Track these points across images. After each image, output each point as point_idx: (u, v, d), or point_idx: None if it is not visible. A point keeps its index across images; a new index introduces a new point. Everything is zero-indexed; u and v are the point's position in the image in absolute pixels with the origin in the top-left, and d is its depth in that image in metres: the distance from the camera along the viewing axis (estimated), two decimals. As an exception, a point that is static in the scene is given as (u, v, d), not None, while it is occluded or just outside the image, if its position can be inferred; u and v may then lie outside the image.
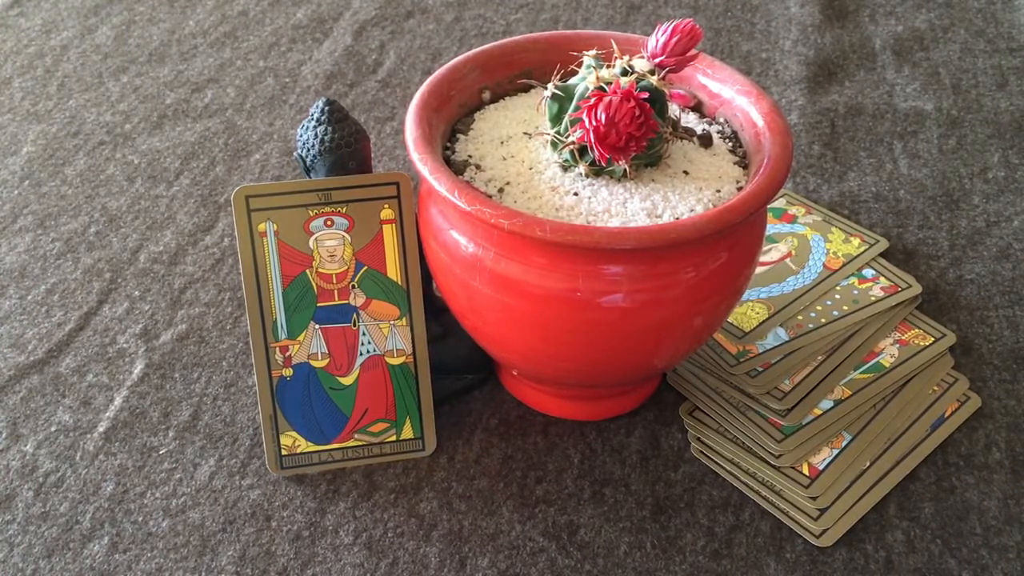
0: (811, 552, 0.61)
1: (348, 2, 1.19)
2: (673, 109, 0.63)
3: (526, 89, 0.67)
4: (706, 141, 0.61)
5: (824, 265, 0.79)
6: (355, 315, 0.64)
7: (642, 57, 0.57)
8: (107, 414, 0.70)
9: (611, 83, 0.55)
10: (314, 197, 0.62)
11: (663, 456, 0.67)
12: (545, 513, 0.63)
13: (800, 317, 0.75)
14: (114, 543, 0.62)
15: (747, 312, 0.75)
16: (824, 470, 0.65)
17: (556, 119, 0.58)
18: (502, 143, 0.62)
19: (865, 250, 0.81)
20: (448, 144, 0.62)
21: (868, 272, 0.79)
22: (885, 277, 0.78)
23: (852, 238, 0.82)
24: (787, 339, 0.73)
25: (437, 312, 0.70)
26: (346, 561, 0.61)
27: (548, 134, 0.59)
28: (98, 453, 0.68)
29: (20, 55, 1.10)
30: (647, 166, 0.59)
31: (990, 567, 0.61)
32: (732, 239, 0.56)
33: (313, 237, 0.63)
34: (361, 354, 0.65)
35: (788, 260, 0.80)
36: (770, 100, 0.61)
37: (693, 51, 0.57)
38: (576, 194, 0.57)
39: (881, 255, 0.81)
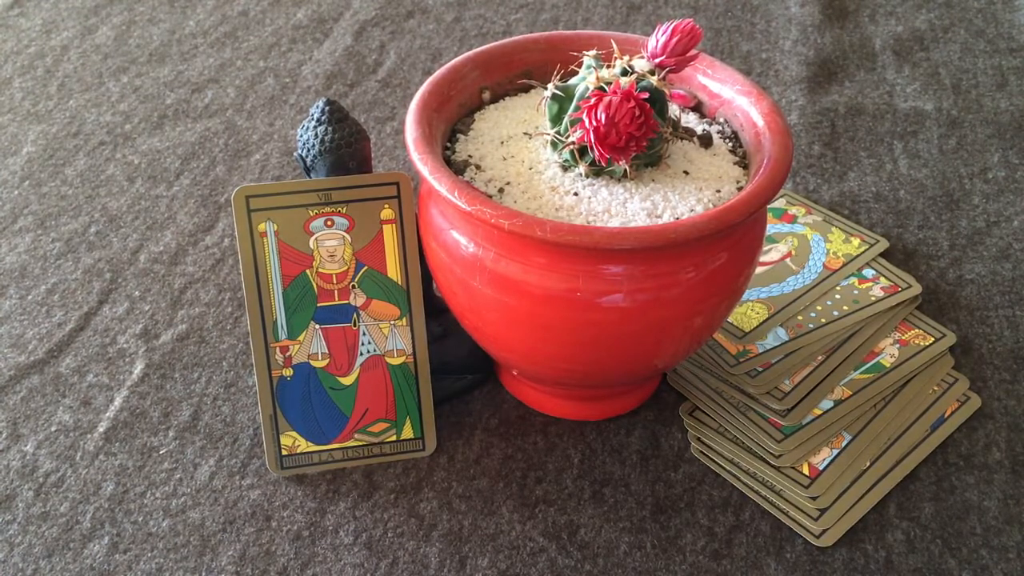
0: (811, 552, 0.61)
1: (348, 2, 1.19)
2: (673, 109, 0.63)
3: (526, 89, 0.67)
4: (706, 141, 0.61)
5: (824, 265, 0.79)
6: (355, 315, 0.64)
7: (642, 57, 0.58)
8: (107, 414, 0.70)
9: (611, 83, 0.55)
10: (314, 197, 0.62)
11: (663, 456, 0.67)
12: (545, 513, 0.63)
13: (800, 317, 0.75)
14: (114, 543, 0.62)
15: (747, 312, 0.75)
16: (824, 470, 0.65)
17: (556, 119, 0.58)
18: (502, 143, 0.62)
19: (865, 250, 0.81)
20: (448, 144, 0.62)
21: (868, 272, 0.79)
22: (885, 277, 0.78)
23: (852, 238, 0.82)
24: (787, 339, 0.73)
25: (437, 312, 0.70)
26: (346, 561, 0.61)
27: (548, 134, 0.59)
28: (98, 453, 0.68)
29: (20, 55, 1.10)
30: (647, 166, 0.59)
31: (990, 567, 0.61)
32: (732, 239, 0.56)
33: (313, 237, 0.63)
34: (361, 354, 0.65)
35: (788, 260, 0.80)
36: (770, 100, 0.61)
37: (693, 51, 0.57)
38: (576, 194, 0.57)
39: (881, 255, 0.81)
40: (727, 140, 0.63)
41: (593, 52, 0.58)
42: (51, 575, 0.61)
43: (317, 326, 0.64)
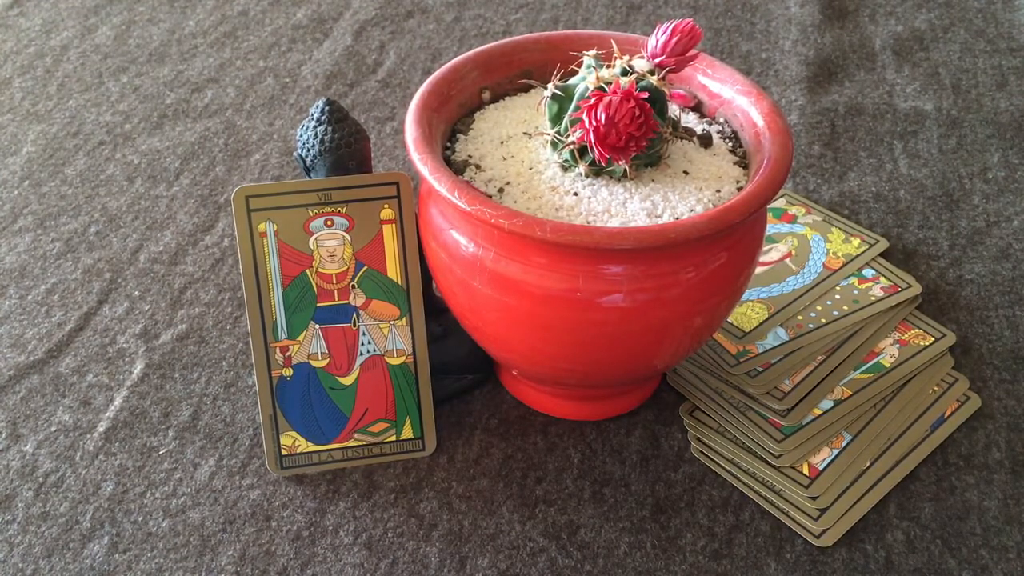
0: (811, 552, 0.61)
1: (348, 2, 1.19)
2: (673, 109, 0.63)
3: (526, 89, 0.67)
4: (706, 141, 0.61)
5: (824, 265, 0.79)
6: (355, 315, 0.64)
7: (642, 57, 0.58)
8: (107, 414, 0.70)
9: (611, 83, 0.55)
10: (314, 197, 0.62)
11: (663, 456, 0.67)
12: (545, 513, 0.63)
13: (800, 317, 0.75)
14: (114, 543, 0.62)
15: (747, 312, 0.75)
16: (824, 470, 0.65)
17: (556, 119, 0.58)
18: (502, 143, 0.62)
19: (865, 250, 0.81)
20: (448, 144, 0.62)
21: (868, 272, 0.79)
22: (885, 277, 0.78)
23: (852, 238, 0.82)
24: (787, 339, 0.73)
25: (437, 312, 0.70)
26: (346, 561, 0.61)
27: (548, 134, 0.59)
28: (98, 453, 0.68)
29: (20, 55, 1.10)
30: (647, 166, 0.59)
31: (990, 567, 0.61)
32: (732, 239, 0.56)
33: (313, 237, 0.63)
34: (361, 354, 0.65)
35: (788, 260, 0.80)
36: (770, 100, 0.61)
37: (693, 51, 0.57)
38: (576, 194, 0.57)
39: (881, 255, 0.81)
40: (727, 140, 0.63)
41: (593, 52, 0.58)
42: (51, 575, 0.61)
43: (317, 326, 0.64)
